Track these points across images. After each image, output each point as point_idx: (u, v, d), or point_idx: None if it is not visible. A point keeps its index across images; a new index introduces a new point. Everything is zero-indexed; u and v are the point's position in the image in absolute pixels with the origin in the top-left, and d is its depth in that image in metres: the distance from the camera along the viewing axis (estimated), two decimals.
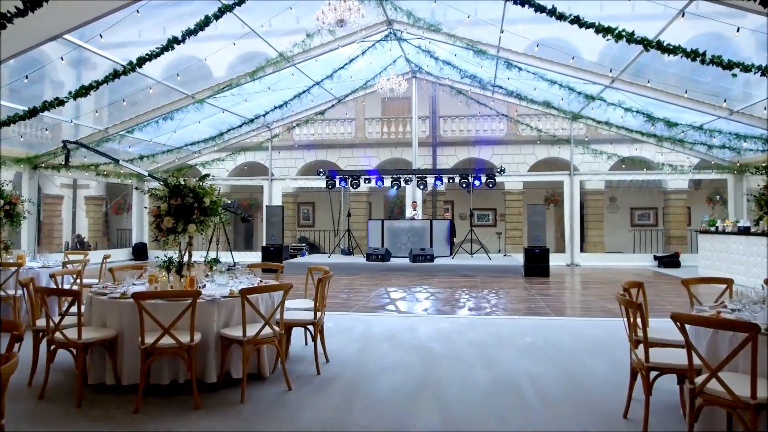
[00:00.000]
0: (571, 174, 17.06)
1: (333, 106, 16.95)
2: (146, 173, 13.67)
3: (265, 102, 15.08)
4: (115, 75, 9.41)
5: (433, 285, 11.81)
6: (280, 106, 14.94)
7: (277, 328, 4.64)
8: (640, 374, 3.75)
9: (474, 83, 14.72)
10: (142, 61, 9.26)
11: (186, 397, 4.34)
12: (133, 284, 5.50)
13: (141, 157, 15.62)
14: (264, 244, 15.47)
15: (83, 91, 9.47)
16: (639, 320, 3.82)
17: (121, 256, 19.30)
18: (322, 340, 5.56)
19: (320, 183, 17.03)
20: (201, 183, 5.62)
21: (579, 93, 12.20)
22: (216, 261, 5.93)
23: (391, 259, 14.99)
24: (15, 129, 14.41)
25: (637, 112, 12.01)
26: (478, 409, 4.25)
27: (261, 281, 5.79)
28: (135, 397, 4.17)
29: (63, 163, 12.23)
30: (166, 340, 4.19)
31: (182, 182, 5.39)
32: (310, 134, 21.42)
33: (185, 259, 5.47)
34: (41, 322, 4.82)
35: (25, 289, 4.76)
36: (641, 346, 3.72)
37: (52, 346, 4.53)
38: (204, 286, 5.51)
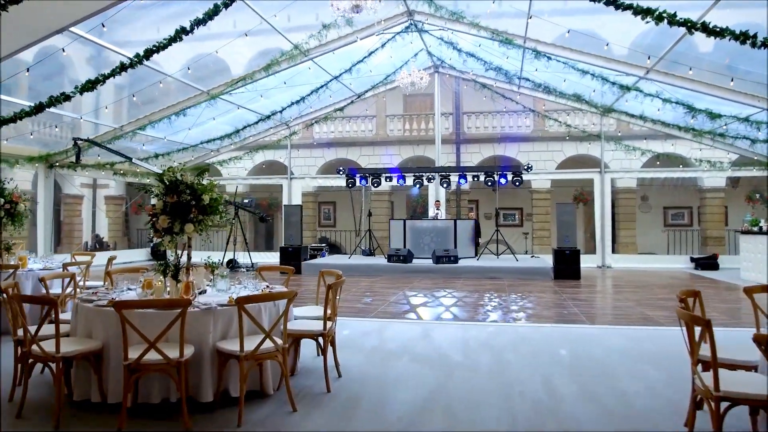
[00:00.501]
0: (602, 171, 16.28)
1: (352, 102, 16.41)
2: (161, 171, 13.28)
3: (282, 98, 14.62)
4: (122, 68, 8.99)
5: (457, 288, 11.20)
6: (297, 102, 14.45)
7: (279, 341, 4.11)
8: (707, 404, 3.11)
9: (499, 76, 14.04)
10: (149, 53, 8.84)
11: (177, 418, 3.83)
12: (128, 289, 5.00)
13: (157, 156, 15.27)
14: (282, 245, 14.99)
15: (89, 86, 9.08)
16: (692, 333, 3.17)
17: (139, 256, 19.04)
18: (334, 352, 5.02)
19: (340, 182, 16.53)
20: (200, 179, 5.13)
21: (613, 83, 11.44)
22: (218, 264, 5.39)
23: (414, 260, 14.40)
24: (25, 126, 14.22)
25: (677, 103, 11.22)
26: None
27: (267, 287, 5.26)
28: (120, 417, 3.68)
29: (74, 161, 11.89)
30: (153, 356, 3.69)
31: (179, 177, 4.90)
32: (330, 132, 20.94)
33: (184, 261, 4.97)
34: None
35: (5, 294, 4.30)
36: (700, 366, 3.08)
37: (30, 360, 4.06)
38: (204, 292, 5.02)
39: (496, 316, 8.07)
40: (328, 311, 4.77)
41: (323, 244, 17.93)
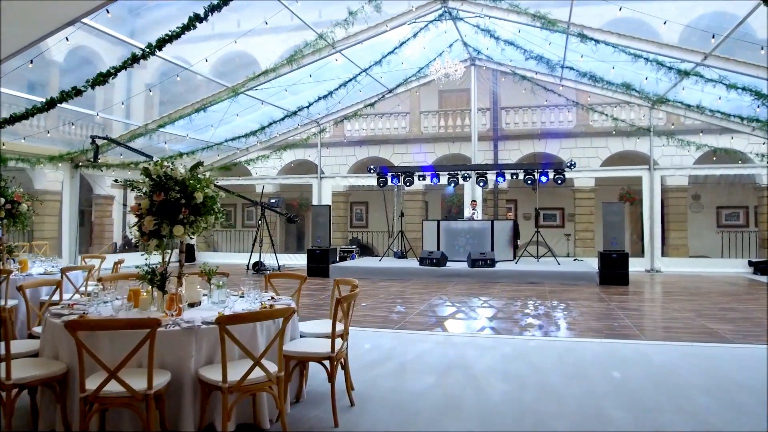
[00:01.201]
0: (651, 169, 15.16)
1: (384, 97, 15.67)
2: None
3: (309, 94, 14.01)
4: (134, 59, 8.44)
5: (494, 295, 10.35)
6: (325, 97, 13.78)
7: (273, 369, 3.39)
8: None
9: (540, 66, 13.05)
10: (162, 42, 8.26)
11: None
12: (116, 299, 4.34)
13: (181, 155, 14.81)
14: (310, 246, 14.36)
15: (101, 79, 8.56)
16: None
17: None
18: (346, 375, 4.29)
19: (372, 181, 15.80)
20: (193, 174, 4.48)
21: (669, 68, 10.35)
22: (214, 271, 4.72)
23: (448, 263, 13.59)
24: (49, 123, 13.98)
25: (743, 89, 10.09)
26: None
27: (272, 298, 4.58)
28: None
29: (92, 159, 11.51)
30: (115, 387, 3.02)
31: (168, 172, 4.25)
32: (362, 129, 20.29)
33: (173, 268, 4.33)
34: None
35: None
36: None
37: None
38: (197, 304, 4.37)
39: (534, 328, 7.22)
40: (338, 328, 4.04)
41: (354, 246, 17.24)
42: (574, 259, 15.47)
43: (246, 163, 17.13)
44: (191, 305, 4.39)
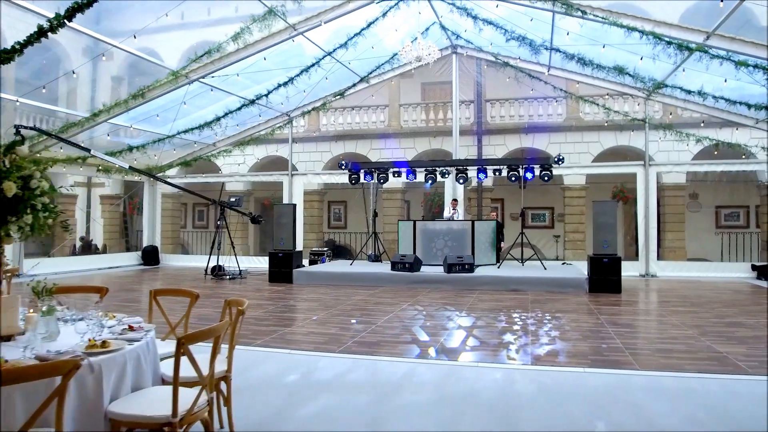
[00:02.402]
0: (646, 164, 13.94)
1: (354, 85, 14.37)
2: (126, 165, 11.55)
3: (273, 83, 12.75)
4: (40, 33, 7.14)
5: (468, 306, 9.09)
6: (286, 84, 12.48)
7: None
8: None
9: (523, 48, 11.73)
10: (71, 12, 6.96)
11: None
12: None
13: (130, 148, 13.50)
14: (273, 249, 13.07)
15: (5, 56, 7.26)
16: None
17: (129, 261, 17.38)
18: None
19: (347, 178, 14.52)
20: (12, 157, 3.24)
21: (669, 43, 9.03)
22: (45, 289, 3.42)
23: (423, 268, 12.33)
24: None
25: (755, 66, 8.81)
26: None
27: (131, 327, 3.33)
28: None
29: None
30: None
31: None
32: (338, 124, 19.01)
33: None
34: None
35: None
36: None
37: None
38: (13, 338, 3.12)
39: (511, 351, 5.96)
40: (210, 370, 2.77)
41: (326, 249, 15.95)
42: (563, 263, 14.24)
43: (207, 158, 15.82)
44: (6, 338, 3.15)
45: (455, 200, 14.16)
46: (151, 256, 17.70)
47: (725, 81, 10.01)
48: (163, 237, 19.44)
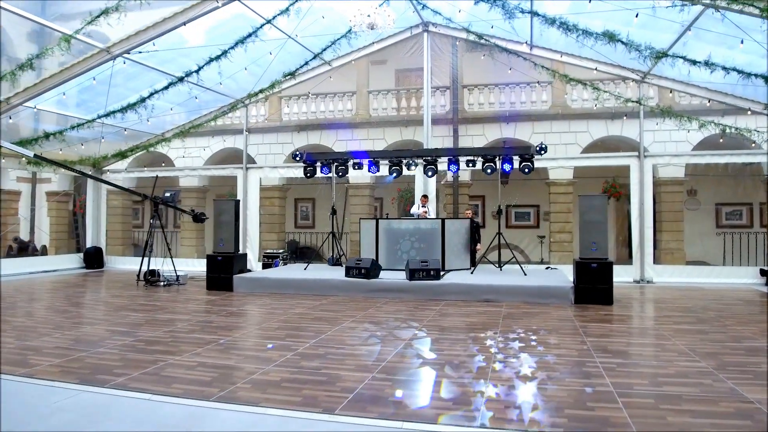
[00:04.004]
0: (641, 156, 12.30)
1: (307, 63, 12.57)
2: (32, 154, 9.77)
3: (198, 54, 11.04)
4: None
5: (427, 321, 7.38)
6: (218, 58, 10.70)
7: None
8: None
9: (495, 11, 9.91)
10: None
11: None
12: None
13: (47, 135, 11.70)
14: (211, 252, 11.31)
15: None
16: None
17: (69, 264, 15.57)
18: None
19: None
20: None
21: None
22: None
23: (384, 274, 10.63)
24: None
25: None
26: None
27: None
28: None
29: None
30: None
31: None
32: (302, 113, 17.26)
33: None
34: None
35: None
36: None
37: None
38: None
39: (439, 407, 4.24)
40: None
41: (281, 251, 14.19)
42: (547, 268, 12.54)
43: (145, 148, 14.00)
44: None
45: (425, 196, 12.47)
46: (93, 259, 15.91)
47: (742, 43, 8.28)
48: (111, 237, 17.68)
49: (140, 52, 10.66)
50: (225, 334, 6.74)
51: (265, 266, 13.72)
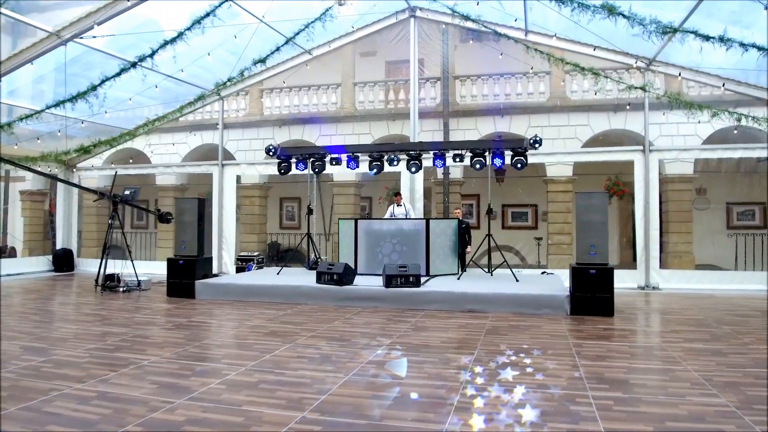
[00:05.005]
0: (646, 150, 11.24)
1: (279, 49, 11.50)
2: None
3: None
4: None
5: (397, 337, 6.34)
6: (173, 41, 9.67)
7: None
8: None
9: None
10: None
11: None
12: None
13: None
14: (173, 255, 10.30)
15: None
16: None
17: (37, 266, 14.62)
18: None
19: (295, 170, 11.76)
20: None
21: None
22: None
23: (362, 279, 9.62)
24: None
25: None
26: None
27: None
28: None
29: None
30: None
31: None
32: (284, 107, 16.25)
33: None
34: None
35: None
36: None
37: None
38: None
39: None
40: None
41: (257, 254, 13.18)
42: (542, 272, 11.49)
43: (110, 143, 13.01)
44: None
45: (398, 194, 11.46)
46: (63, 261, 14.96)
47: (765, 8, 7.19)
48: (85, 238, 16.76)
49: (94, 37, 9.68)
50: (155, 352, 5.73)
51: (239, 270, 12.75)
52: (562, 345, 6.02)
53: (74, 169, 14.93)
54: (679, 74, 10.30)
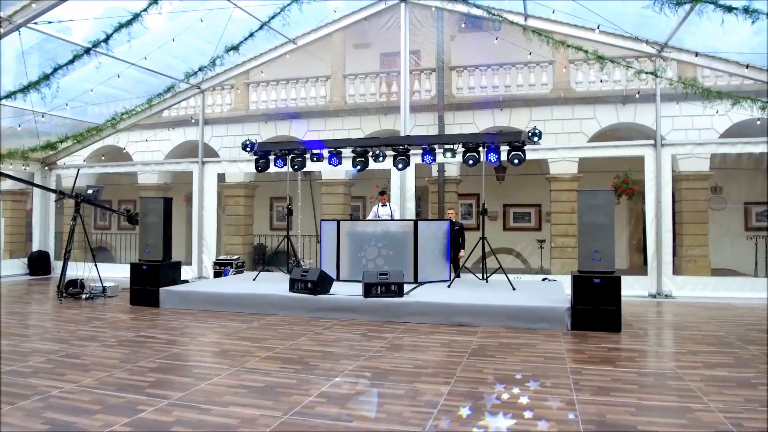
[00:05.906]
0: (658, 144, 10.24)
1: (252, 35, 10.52)
2: None
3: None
4: None
5: (368, 359, 5.41)
6: (128, 24, 8.78)
7: None
8: None
9: None
10: None
11: None
12: None
13: None
14: (137, 260, 9.43)
15: None
16: None
17: (10, 270, 13.82)
18: None
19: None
20: None
21: None
22: None
23: (341, 287, 8.70)
24: None
25: None
26: None
27: None
28: None
29: None
30: None
31: None
32: (271, 101, 15.36)
33: None
34: None
35: None
36: None
37: None
38: None
39: None
40: None
41: (236, 258, 12.30)
42: (544, 279, 10.51)
43: (74, 138, 12.13)
44: None
45: (383, 193, 10.54)
46: (38, 264, 14.17)
47: None
48: (64, 240, 15.91)
49: (49, 22, 8.82)
50: (75, 378, 4.84)
51: (216, 275, 11.88)
52: (557, 371, 5.06)
53: (49, 168, 14.11)
54: (696, 55, 9.27)
